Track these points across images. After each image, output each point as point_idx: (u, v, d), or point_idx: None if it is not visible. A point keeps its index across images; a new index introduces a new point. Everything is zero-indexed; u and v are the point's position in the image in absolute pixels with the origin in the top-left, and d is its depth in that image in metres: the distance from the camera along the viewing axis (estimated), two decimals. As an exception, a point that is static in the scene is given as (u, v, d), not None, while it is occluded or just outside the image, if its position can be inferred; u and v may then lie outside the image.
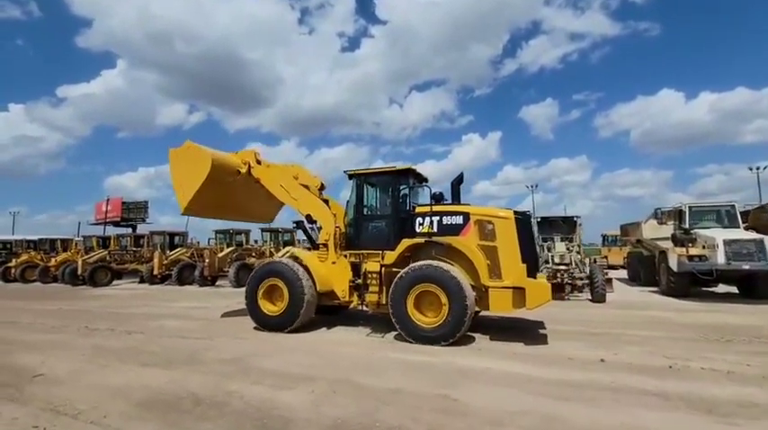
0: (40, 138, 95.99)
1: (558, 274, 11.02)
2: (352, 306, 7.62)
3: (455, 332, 5.96)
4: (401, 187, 7.25)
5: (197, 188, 7.96)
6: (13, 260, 21.74)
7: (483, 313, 6.99)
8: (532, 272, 6.34)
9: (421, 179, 7.87)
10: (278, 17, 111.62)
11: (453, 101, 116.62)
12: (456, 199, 7.29)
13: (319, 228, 8.05)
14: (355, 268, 7.32)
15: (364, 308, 7.30)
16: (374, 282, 6.91)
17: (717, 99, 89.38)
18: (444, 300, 6.06)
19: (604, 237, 27.43)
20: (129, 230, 28.78)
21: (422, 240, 6.76)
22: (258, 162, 8.56)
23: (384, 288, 6.83)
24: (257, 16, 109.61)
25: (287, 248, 8.39)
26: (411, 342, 6.15)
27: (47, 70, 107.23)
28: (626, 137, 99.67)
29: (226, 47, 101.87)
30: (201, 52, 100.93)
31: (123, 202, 36.87)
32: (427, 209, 6.89)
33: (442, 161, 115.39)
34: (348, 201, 7.59)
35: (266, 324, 7.26)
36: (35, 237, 26.87)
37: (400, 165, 7.30)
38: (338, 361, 5.28)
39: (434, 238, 6.67)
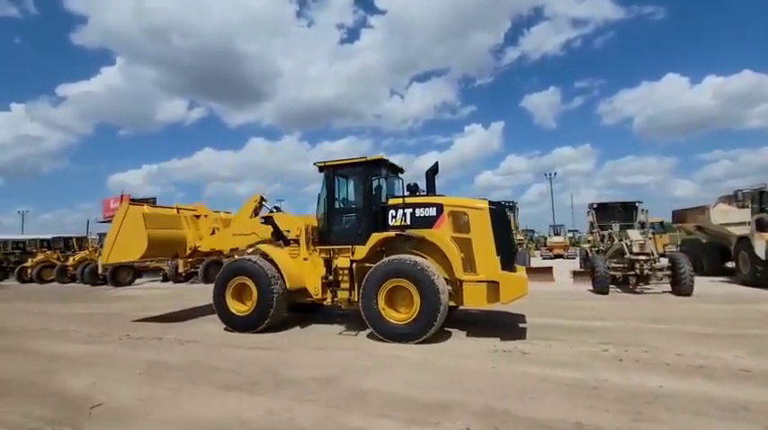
0: (41, 137, 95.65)
1: (637, 265, 9.91)
2: (325, 303, 7.17)
3: (427, 328, 5.67)
4: (373, 179, 6.80)
5: (123, 258, 8.21)
6: (29, 260, 20.94)
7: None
8: (509, 264, 6.04)
9: (396, 170, 7.52)
10: (275, 9, 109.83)
11: (455, 91, 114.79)
12: (431, 189, 6.87)
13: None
14: (328, 264, 6.88)
15: (338, 305, 6.83)
16: (345, 278, 6.57)
17: (722, 83, 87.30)
18: (416, 295, 5.75)
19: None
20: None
21: (392, 234, 6.36)
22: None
23: (356, 284, 6.45)
24: (254, 8, 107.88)
25: (258, 245, 7.68)
26: (383, 340, 5.82)
27: (46, 69, 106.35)
28: (630, 124, 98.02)
29: (223, 40, 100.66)
30: (199, 46, 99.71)
31: (131, 199, 36.19)
32: (399, 201, 6.53)
33: (444, 152, 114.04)
34: (319, 195, 7.10)
35: (235, 324, 6.93)
36: (48, 236, 26.08)
37: (371, 156, 6.82)
38: (460, 379, 4.24)
39: (406, 232, 6.30)
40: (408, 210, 6.41)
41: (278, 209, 8.02)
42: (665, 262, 10.17)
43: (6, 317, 9.48)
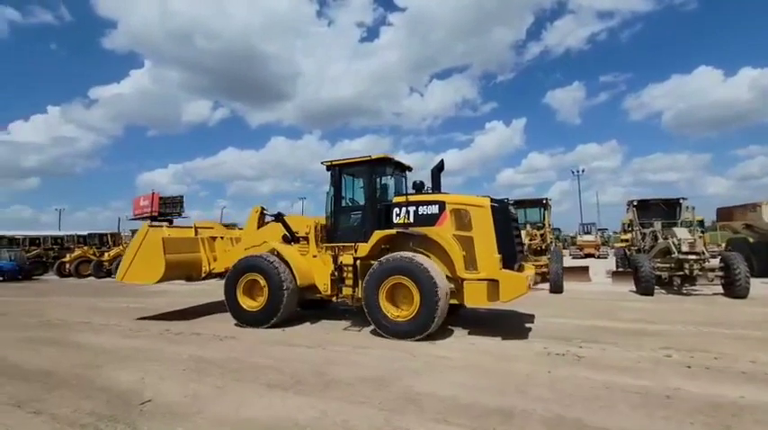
0: (75, 138, 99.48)
1: (686, 265, 9.36)
2: (334, 300, 7.20)
3: (427, 326, 5.64)
4: (377, 177, 6.87)
5: (139, 280, 8.11)
6: (68, 255, 21.69)
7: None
8: (511, 262, 5.92)
9: (403, 168, 7.53)
10: (296, 10, 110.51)
11: (475, 88, 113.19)
12: (436, 187, 6.83)
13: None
14: (336, 262, 6.91)
15: (346, 302, 6.88)
16: (349, 275, 6.62)
17: (759, 75, 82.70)
18: (416, 292, 5.73)
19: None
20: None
21: (393, 231, 6.37)
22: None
23: (359, 281, 6.42)
24: (275, 10, 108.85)
25: (266, 242, 7.71)
26: (384, 336, 5.87)
27: (79, 72, 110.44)
28: (658, 119, 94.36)
29: (245, 42, 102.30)
30: (222, 48, 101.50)
31: (160, 197, 37.16)
32: (403, 199, 6.54)
33: (464, 150, 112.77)
34: (327, 193, 7.16)
35: (245, 319, 7.01)
36: (84, 232, 27.01)
37: (375, 155, 6.80)
38: (516, 384, 4.00)
39: (409, 229, 6.29)
40: (412, 208, 6.40)
41: (282, 215, 7.96)
42: (715, 262, 9.59)
43: (50, 310, 9.75)
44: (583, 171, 51.50)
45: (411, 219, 6.36)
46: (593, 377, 4.12)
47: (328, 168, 7.09)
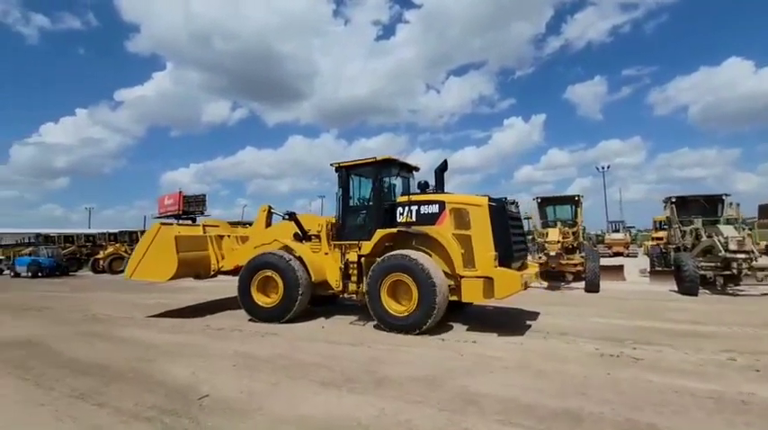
0: (102, 139, 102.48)
1: (734, 264, 8.95)
2: (344, 295, 7.41)
3: (425, 321, 5.85)
4: (383, 178, 7.08)
5: (149, 277, 8.16)
6: (101, 252, 22.43)
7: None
8: (508, 260, 6.06)
9: (409, 168, 7.72)
10: (312, 10, 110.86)
11: (493, 84, 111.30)
12: (440, 187, 7.06)
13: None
14: (343, 259, 7.17)
15: (352, 297, 7.17)
16: (354, 271, 6.87)
17: None
18: (414, 289, 5.94)
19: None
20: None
21: (394, 230, 6.60)
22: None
23: (364, 278, 6.67)
24: (292, 10, 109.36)
25: (277, 240, 7.84)
26: (385, 330, 6.14)
27: (105, 75, 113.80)
28: (685, 113, 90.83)
29: (263, 42, 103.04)
30: (240, 49, 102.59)
31: (184, 196, 38.08)
32: (406, 199, 6.79)
33: (482, 147, 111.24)
34: (336, 194, 7.41)
35: (260, 315, 7.14)
36: (115, 230, 27.87)
37: (380, 156, 7.03)
38: (576, 385, 3.87)
39: (411, 228, 6.50)
40: (414, 208, 6.61)
41: (294, 214, 8.03)
42: (765, 261, 9.14)
43: (92, 305, 10.05)
44: (608, 167, 50.15)
45: (413, 218, 6.57)
46: (656, 380, 3.95)
47: (336, 170, 7.33)
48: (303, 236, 7.67)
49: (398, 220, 6.68)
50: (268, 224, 8.57)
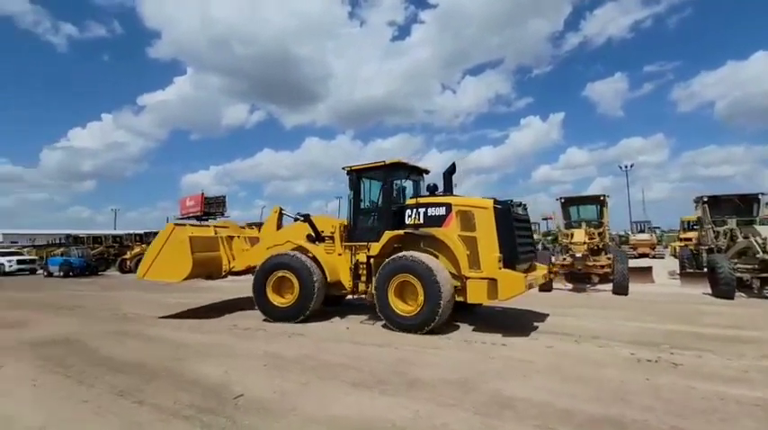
0: (126, 143, 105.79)
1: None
2: (355, 295, 7.59)
3: (430, 320, 5.97)
4: (392, 180, 7.23)
5: (162, 278, 8.18)
6: (128, 252, 23.08)
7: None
8: (512, 262, 6.12)
9: (419, 171, 7.90)
10: (328, 13, 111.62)
11: (510, 82, 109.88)
12: (448, 189, 7.17)
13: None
14: (352, 259, 7.35)
15: (362, 297, 7.35)
16: (363, 272, 7.07)
17: None
18: (420, 289, 6.07)
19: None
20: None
21: (401, 232, 6.74)
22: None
23: (372, 278, 6.79)
24: (308, 14, 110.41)
25: (289, 241, 7.96)
26: (393, 329, 6.30)
27: (128, 81, 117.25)
28: (710, 109, 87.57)
29: (279, 46, 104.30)
30: (257, 53, 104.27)
31: (204, 197, 38.92)
32: (414, 201, 6.94)
33: (498, 147, 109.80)
34: (348, 196, 7.59)
35: (275, 315, 7.25)
36: (140, 231, 28.64)
37: (389, 160, 7.19)
38: (614, 391, 3.77)
39: (419, 230, 6.64)
40: (422, 210, 6.75)
41: (309, 215, 8.09)
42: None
43: (122, 304, 10.34)
44: (632, 166, 48.86)
45: (421, 220, 6.71)
46: (699, 387, 3.81)
47: (348, 173, 7.54)
48: (317, 237, 7.78)
49: (407, 222, 6.83)
50: (279, 226, 8.69)
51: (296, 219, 8.40)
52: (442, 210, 6.57)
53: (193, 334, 6.73)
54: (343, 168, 7.63)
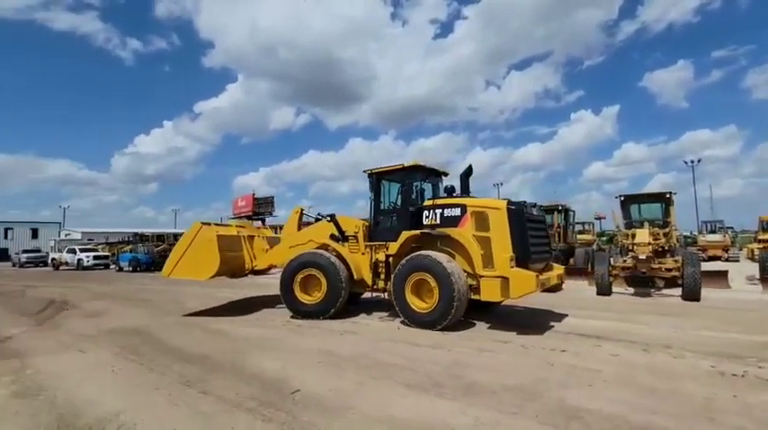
0: (184, 148, 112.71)
1: None
2: (375, 294, 7.91)
3: (445, 317, 6.21)
4: (410, 182, 7.49)
5: (188, 276, 8.38)
6: (188, 250, 24.56)
7: None
8: (525, 261, 6.29)
9: (438, 173, 8.13)
10: (371, 14, 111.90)
11: (558, 76, 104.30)
12: (465, 191, 7.42)
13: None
14: (372, 259, 7.62)
15: (382, 295, 7.71)
16: (382, 270, 7.38)
17: None
18: (435, 287, 6.31)
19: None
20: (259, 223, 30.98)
21: (418, 232, 6.97)
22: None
23: (391, 276, 7.01)
24: (352, 17, 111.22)
25: (312, 241, 8.24)
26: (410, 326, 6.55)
27: (186, 89, 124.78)
28: None
29: (324, 49, 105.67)
30: (302, 57, 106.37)
31: (255, 198, 40.62)
32: (431, 202, 7.20)
33: (546, 143, 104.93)
34: (369, 198, 7.87)
35: (303, 312, 7.48)
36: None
37: (408, 163, 7.50)
38: (695, 407, 3.43)
39: (435, 230, 6.87)
40: (438, 211, 6.98)
41: (332, 215, 8.14)
42: None
43: (186, 298, 10.98)
44: (699, 161, 45.18)
45: (438, 221, 6.95)
46: (800, 407, 3.38)
47: (369, 176, 7.87)
48: (341, 236, 7.93)
49: (424, 223, 7.09)
50: (299, 226, 8.92)
51: (317, 219, 8.61)
52: (457, 211, 6.79)
53: (251, 328, 7.01)
54: (365, 171, 7.97)
